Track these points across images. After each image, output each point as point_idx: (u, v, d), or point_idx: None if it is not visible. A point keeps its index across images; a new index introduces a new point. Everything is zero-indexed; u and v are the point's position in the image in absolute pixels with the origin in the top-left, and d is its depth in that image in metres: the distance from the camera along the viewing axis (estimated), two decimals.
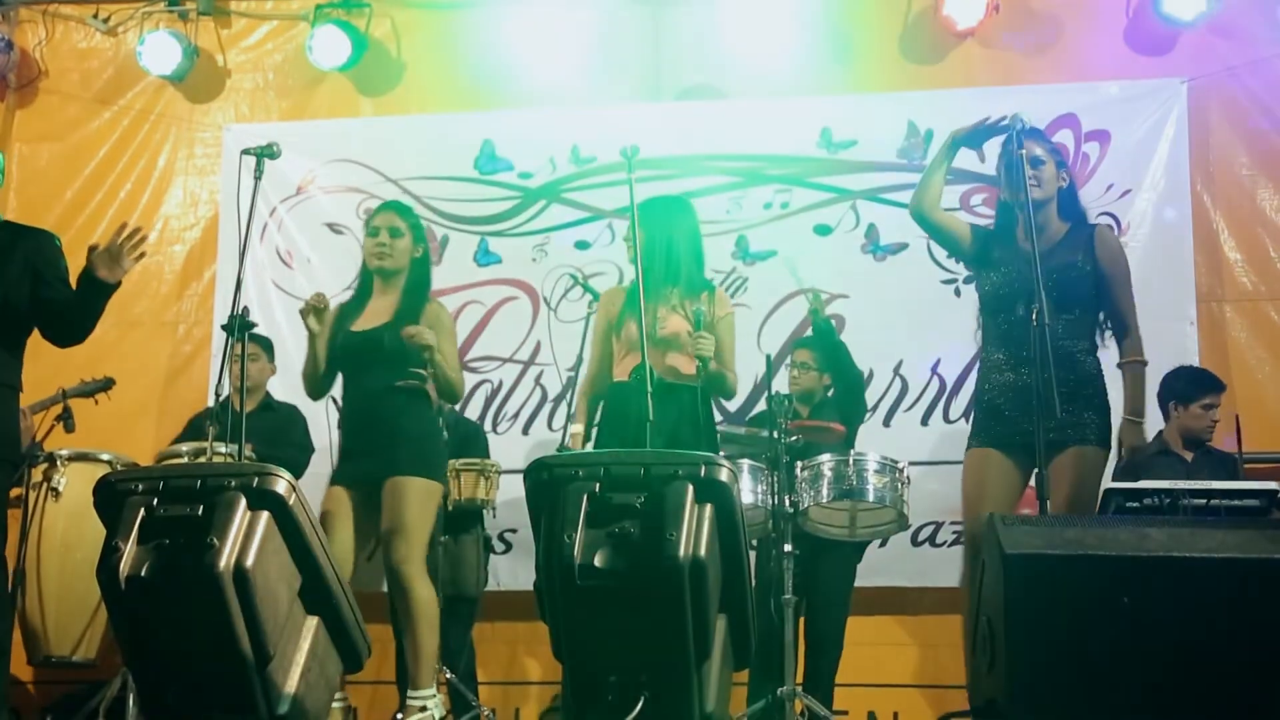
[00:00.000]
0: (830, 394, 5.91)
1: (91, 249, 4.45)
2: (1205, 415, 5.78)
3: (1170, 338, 6.21)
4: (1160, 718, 3.43)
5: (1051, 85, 6.68)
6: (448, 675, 5.46)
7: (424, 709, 4.85)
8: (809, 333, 6.15)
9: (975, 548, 4.30)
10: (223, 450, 5.07)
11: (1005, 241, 4.60)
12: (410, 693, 4.89)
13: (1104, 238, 4.49)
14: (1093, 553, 3.50)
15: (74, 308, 4.52)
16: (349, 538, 4.87)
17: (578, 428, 5.11)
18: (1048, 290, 4.27)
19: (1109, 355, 4.61)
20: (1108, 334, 4.62)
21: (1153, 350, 6.02)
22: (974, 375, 4.81)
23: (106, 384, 6.09)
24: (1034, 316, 4.14)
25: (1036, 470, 4.22)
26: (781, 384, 5.84)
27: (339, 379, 5.13)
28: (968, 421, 4.93)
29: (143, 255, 4.52)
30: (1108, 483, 5.25)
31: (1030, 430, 4.27)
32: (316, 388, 5.15)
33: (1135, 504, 5.00)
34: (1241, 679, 3.38)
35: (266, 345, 6.29)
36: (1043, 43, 6.83)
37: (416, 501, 4.87)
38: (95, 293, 4.47)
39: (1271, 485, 5.10)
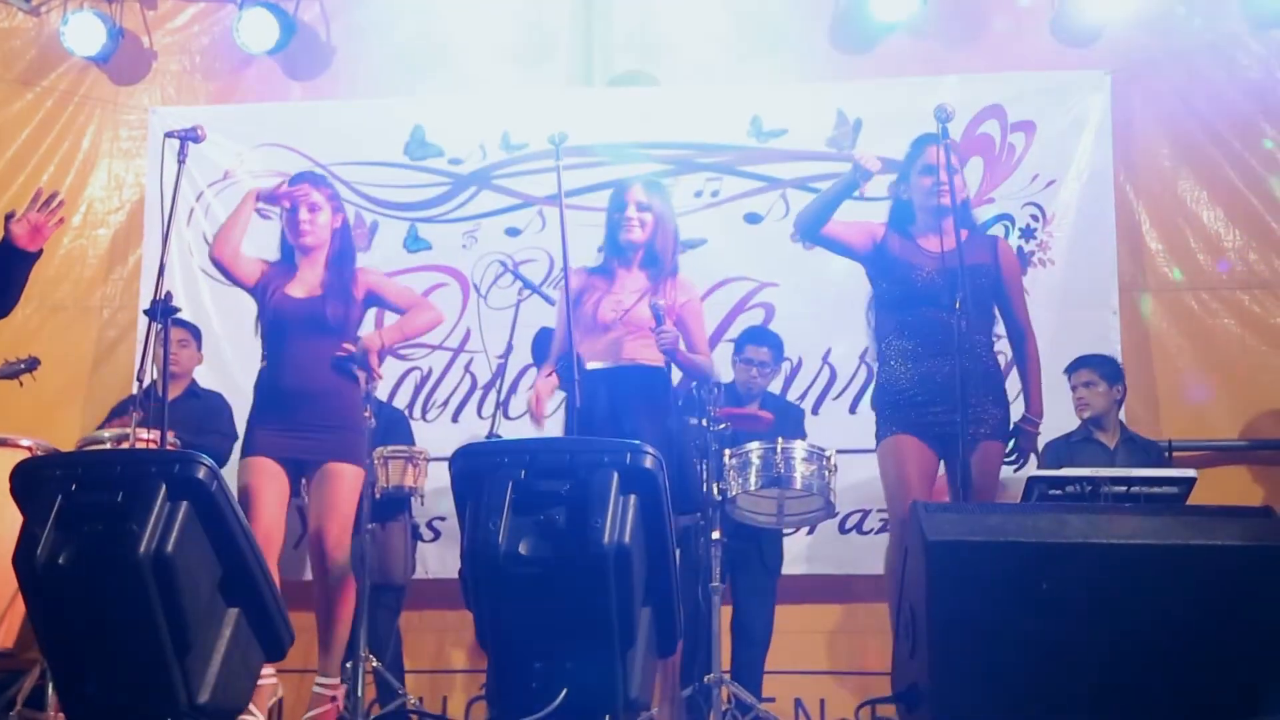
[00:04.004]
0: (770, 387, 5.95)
1: (8, 217, 4.40)
2: (1079, 390, 5.85)
3: (1093, 327, 6.30)
4: (1078, 701, 3.49)
5: (978, 75, 6.70)
6: (374, 664, 5.43)
7: (334, 700, 4.83)
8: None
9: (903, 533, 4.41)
10: (146, 436, 5.00)
11: (904, 239, 4.74)
12: (322, 680, 4.86)
13: (1005, 247, 4.58)
14: (1012, 540, 3.57)
15: None
16: (279, 514, 4.82)
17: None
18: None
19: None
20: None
21: (1076, 339, 6.17)
22: None
23: (32, 364, 5.92)
24: (957, 306, 4.21)
25: (960, 458, 4.29)
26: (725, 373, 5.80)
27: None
28: None
29: (62, 221, 4.51)
30: (1030, 470, 5.35)
31: (943, 417, 4.45)
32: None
33: (1058, 491, 5.07)
34: (1155, 662, 3.45)
35: (196, 332, 6.21)
36: (970, 33, 6.87)
37: (350, 489, 4.86)
38: (17, 263, 4.43)
39: (1190, 473, 5.19)
